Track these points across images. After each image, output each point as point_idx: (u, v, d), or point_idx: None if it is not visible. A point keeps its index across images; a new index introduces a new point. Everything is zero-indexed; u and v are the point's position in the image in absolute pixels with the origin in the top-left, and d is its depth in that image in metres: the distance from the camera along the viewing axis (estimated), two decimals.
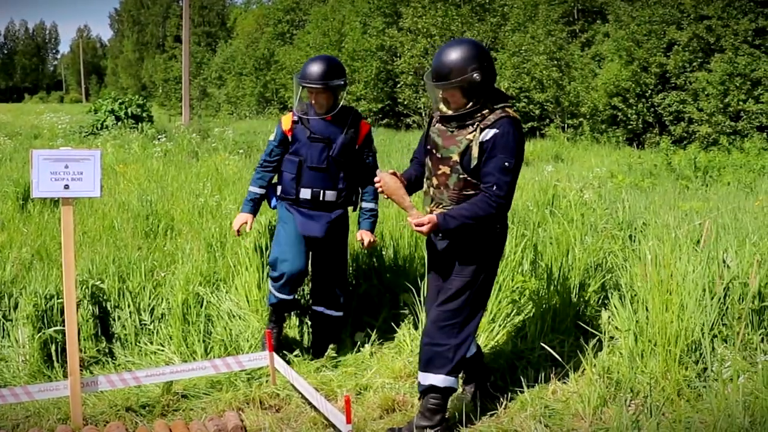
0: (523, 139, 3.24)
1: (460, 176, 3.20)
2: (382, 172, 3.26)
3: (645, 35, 21.12)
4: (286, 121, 4.18)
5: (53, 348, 3.97)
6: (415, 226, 3.14)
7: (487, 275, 3.33)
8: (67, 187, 3.36)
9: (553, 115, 24.14)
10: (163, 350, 4.21)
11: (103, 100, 19.64)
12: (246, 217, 4.25)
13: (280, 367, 3.77)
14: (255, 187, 4.26)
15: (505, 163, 3.11)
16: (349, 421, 3.00)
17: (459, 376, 3.45)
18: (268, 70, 39.26)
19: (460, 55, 3.12)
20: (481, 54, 3.15)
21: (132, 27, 72.27)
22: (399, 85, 29.44)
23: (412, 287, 4.47)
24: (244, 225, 4.25)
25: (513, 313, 4.31)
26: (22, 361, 3.96)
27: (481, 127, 3.15)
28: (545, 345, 3.79)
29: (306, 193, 4.11)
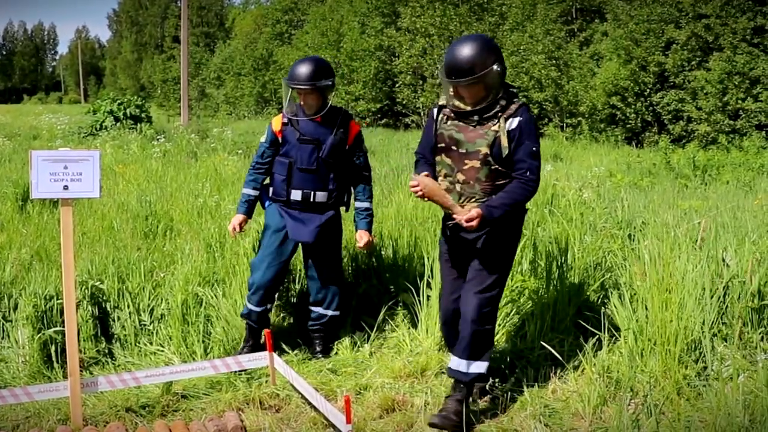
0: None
1: (492, 167, 3.28)
2: (419, 176, 3.29)
3: (643, 34, 21.10)
4: (276, 122, 4.19)
5: (53, 349, 3.98)
6: (466, 222, 3.19)
7: (513, 257, 3.52)
8: (66, 187, 3.36)
9: (551, 114, 24.12)
10: (162, 351, 4.21)
11: (102, 100, 19.58)
12: (241, 219, 4.25)
13: (280, 367, 3.77)
14: (249, 189, 4.27)
15: (533, 148, 3.28)
16: (349, 421, 3.00)
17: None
18: (267, 70, 39.23)
19: (478, 49, 3.21)
20: (495, 47, 3.31)
21: (130, 28, 72.09)
22: (397, 85, 29.44)
23: (412, 287, 4.47)
24: (238, 227, 4.24)
25: (512, 313, 4.31)
26: (22, 362, 3.96)
27: (505, 117, 3.27)
28: (545, 344, 3.79)
29: (297, 195, 4.11)
